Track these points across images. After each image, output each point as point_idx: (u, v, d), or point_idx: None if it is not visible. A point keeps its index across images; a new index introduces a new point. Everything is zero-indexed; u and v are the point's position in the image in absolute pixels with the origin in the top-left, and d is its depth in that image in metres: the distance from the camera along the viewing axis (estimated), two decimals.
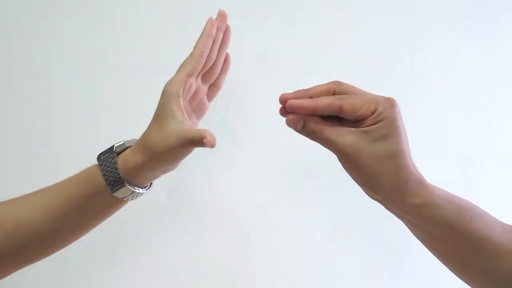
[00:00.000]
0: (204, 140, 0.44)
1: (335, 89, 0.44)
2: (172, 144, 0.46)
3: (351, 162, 0.42)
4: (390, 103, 0.41)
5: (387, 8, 0.84)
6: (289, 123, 0.44)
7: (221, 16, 0.52)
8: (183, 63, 0.50)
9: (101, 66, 0.77)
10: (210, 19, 0.51)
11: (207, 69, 0.53)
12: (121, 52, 0.78)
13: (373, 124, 0.41)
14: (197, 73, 0.51)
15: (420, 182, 0.42)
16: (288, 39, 0.81)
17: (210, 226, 0.79)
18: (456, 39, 0.85)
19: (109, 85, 0.77)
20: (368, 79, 0.51)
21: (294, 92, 0.44)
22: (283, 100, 0.43)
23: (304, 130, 0.43)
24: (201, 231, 0.79)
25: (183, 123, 0.47)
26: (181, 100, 0.48)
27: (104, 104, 0.77)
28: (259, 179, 0.80)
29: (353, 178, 0.44)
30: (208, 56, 0.51)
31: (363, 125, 0.42)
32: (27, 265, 0.50)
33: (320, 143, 0.44)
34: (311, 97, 0.43)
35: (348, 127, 0.42)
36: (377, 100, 0.41)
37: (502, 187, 0.85)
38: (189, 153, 0.48)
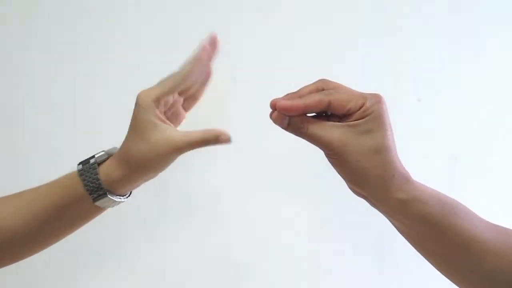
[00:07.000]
0: (222, 137, 0.46)
1: (323, 87, 0.44)
2: (161, 153, 0.46)
3: (337, 156, 0.42)
4: (377, 99, 0.42)
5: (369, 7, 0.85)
6: (274, 120, 0.44)
7: (213, 40, 0.50)
8: (166, 79, 0.48)
9: (78, 68, 0.77)
10: (204, 45, 0.49)
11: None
12: (101, 54, 0.77)
13: (360, 119, 0.42)
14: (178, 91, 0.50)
15: (405, 178, 0.43)
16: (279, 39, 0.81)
17: (196, 225, 0.79)
18: (444, 37, 0.86)
19: (87, 88, 0.77)
20: (352, 77, 0.51)
21: (283, 96, 0.44)
22: (274, 105, 0.43)
23: (290, 126, 0.43)
24: (186, 230, 0.79)
25: (169, 131, 0.47)
26: (157, 111, 0.47)
27: (81, 106, 0.77)
28: (245, 178, 0.79)
29: (339, 173, 0.44)
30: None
31: (350, 120, 0.42)
32: (5, 265, 0.50)
33: (306, 139, 0.44)
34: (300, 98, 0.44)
35: (334, 122, 0.43)
36: (364, 95, 0.42)
37: (486, 185, 0.85)
38: (174, 160, 0.48)
